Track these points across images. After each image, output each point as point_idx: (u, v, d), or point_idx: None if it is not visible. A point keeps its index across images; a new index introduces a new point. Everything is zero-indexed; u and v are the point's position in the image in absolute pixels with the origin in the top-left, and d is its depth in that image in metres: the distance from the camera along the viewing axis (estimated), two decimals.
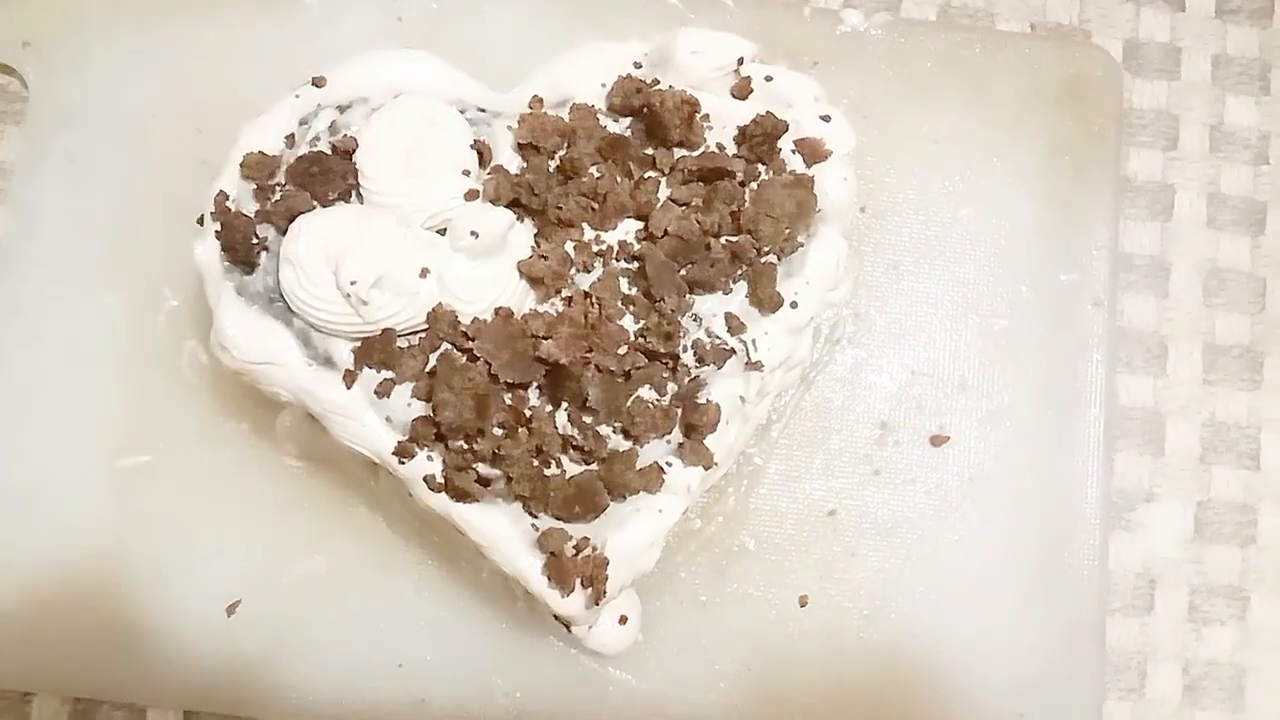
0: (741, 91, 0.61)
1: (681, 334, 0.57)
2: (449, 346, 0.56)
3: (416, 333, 0.57)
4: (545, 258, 0.57)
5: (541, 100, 0.60)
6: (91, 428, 0.66)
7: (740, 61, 0.61)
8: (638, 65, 0.61)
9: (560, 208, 0.57)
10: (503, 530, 0.57)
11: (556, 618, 0.63)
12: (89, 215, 0.68)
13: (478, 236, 0.55)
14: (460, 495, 0.56)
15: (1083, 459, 0.68)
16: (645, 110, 0.58)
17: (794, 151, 0.60)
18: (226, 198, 0.57)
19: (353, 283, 0.55)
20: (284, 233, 0.57)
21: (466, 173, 0.57)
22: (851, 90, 0.70)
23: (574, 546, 0.56)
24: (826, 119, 0.61)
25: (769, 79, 0.61)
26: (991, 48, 0.73)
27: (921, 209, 0.70)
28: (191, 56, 0.70)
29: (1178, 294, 0.73)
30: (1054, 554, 0.67)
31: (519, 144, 0.58)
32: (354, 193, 0.58)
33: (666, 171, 0.59)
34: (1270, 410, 0.72)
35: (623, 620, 0.64)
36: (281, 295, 0.57)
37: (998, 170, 0.71)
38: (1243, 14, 0.76)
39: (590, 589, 0.56)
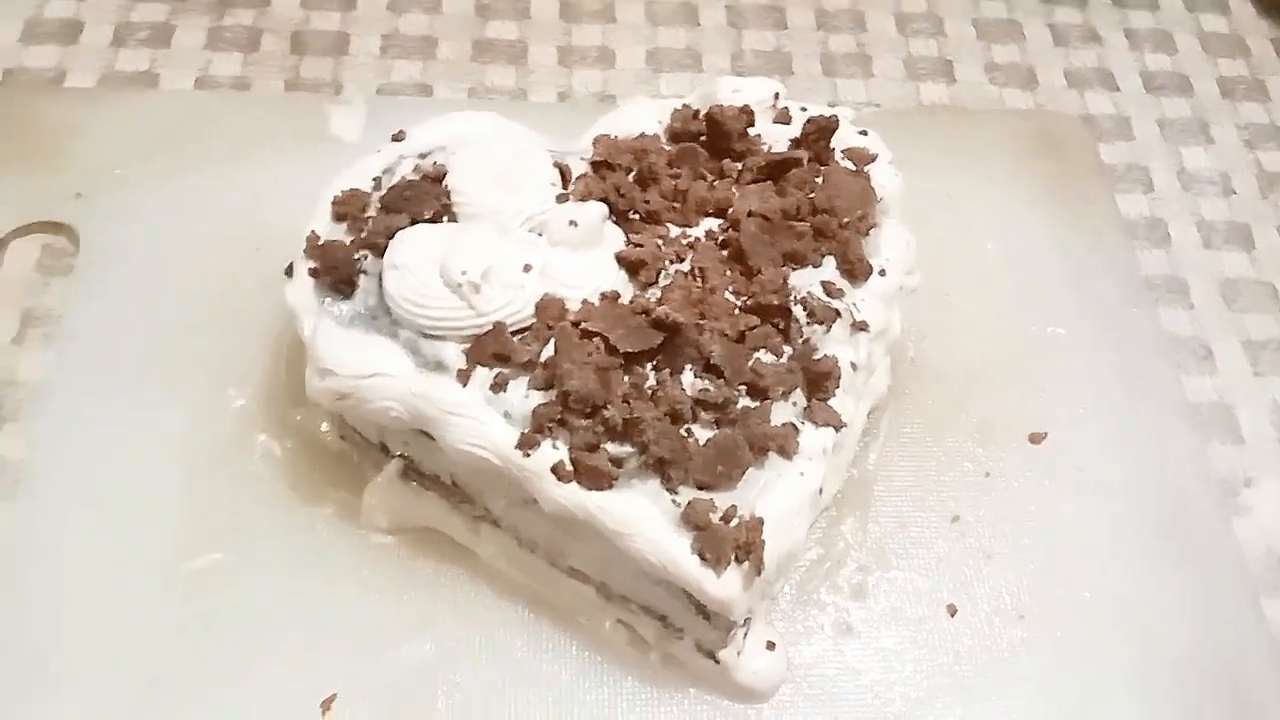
0: (783, 118, 0.66)
1: (788, 294, 0.57)
2: (564, 326, 0.54)
3: (526, 329, 0.56)
4: (641, 245, 0.58)
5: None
6: (161, 536, 0.60)
7: (776, 96, 0.67)
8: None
9: (648, 201, 0.59)
10: (643, 511, 0.52)
11: (699, 647, 0.57)
12: (141, 340, 0.66)
13: (576, 225, 0.57)
14: (594, 479, 0.52)
15: (1177, 445, 0.68)
16: (706, 127, 0.63)
17: (844, 157, 0.64)
18: (319, 237, 0.58)
19: (464, 272, 0.54)
20: (382, 254, 0.57)
21: (554, 184, 0.59)
22: None
23: (722, 517, 0.52)
24: (864, 134, 0.66)
25: (804, 109, 0.67)
26: (971, 123, 0.81)
27: (952, 245, 0.74)
28: (245, 200, 0.72)
29: (1201, 304, 0.77)
30: (1183, 535, 0.65)
31: (593, 163, 0.61)
32: (446, 216, 0.59)
33: (735, 177, 0.62)
34: None
35: (770, 646, 0.58)
36: (386, 310, 0.55)
37: (1009, 215, 0.77)
38: (1170, 88, 0.88)
39: (747, 560, 0.52)
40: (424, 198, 0.58)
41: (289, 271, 0.58)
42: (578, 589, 0.59)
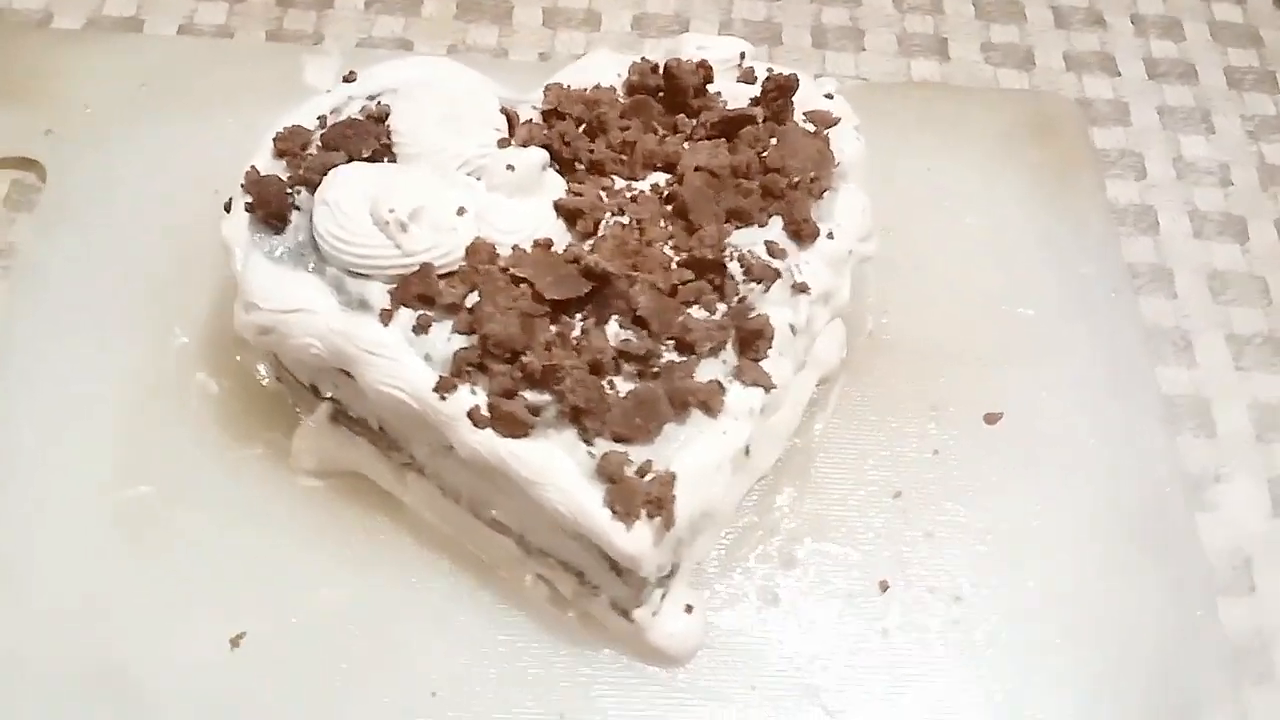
0: (747, 77, 0.64)
1: (725, 252, 0.56)
2: (491, 270, 0.54)
3: (454, 272, 0.55)
4: (581, 195, 0.57)
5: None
6: (93, 465, 0.60)
7: (742, 56, 0.65)
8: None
9: (592, 150, 0.58)
10: (557, 461, 0.51)
11: (614, 605, 0.56)
12: (98, 277, 0.67)
13: (514, 169, 0.56)
14: (509, 426, 0.51)
15: (1144, 435, 0.66)
16: (663, 81, 0.62)
17: (805, 119, 0.63)
18: (257, 172, 0.57)
19: (391, 210, 0.54)
20: (316, 190, 0.56)
21: (498, 129, 0.59)
22: None
23: (637, 471, 0.51)
24: (829, 96, 0.65)
25: (770, 69, 0.65)
26: (960, 100, 0.79)
27: (929, 218, 0.72)
28: (214, 145, 0.71)
29: (1186, 295, 0.74)
30: (1141, 528, 0.63)
31: (544, 112, 0.60)
32: (386, 157, 0.58)
33: (688, 133, 0.61)
34: None
35: (689, 609, 0.57)
36: (314, 247, 0.55)
37: (992, 191, 0.74)
38: (1172, 75, 0.85)
39: (658, 516, 0.50)
40: (364, 136, 0.58)
41: (227, 207, 0.58)
42: (499, 541, 0.58)
